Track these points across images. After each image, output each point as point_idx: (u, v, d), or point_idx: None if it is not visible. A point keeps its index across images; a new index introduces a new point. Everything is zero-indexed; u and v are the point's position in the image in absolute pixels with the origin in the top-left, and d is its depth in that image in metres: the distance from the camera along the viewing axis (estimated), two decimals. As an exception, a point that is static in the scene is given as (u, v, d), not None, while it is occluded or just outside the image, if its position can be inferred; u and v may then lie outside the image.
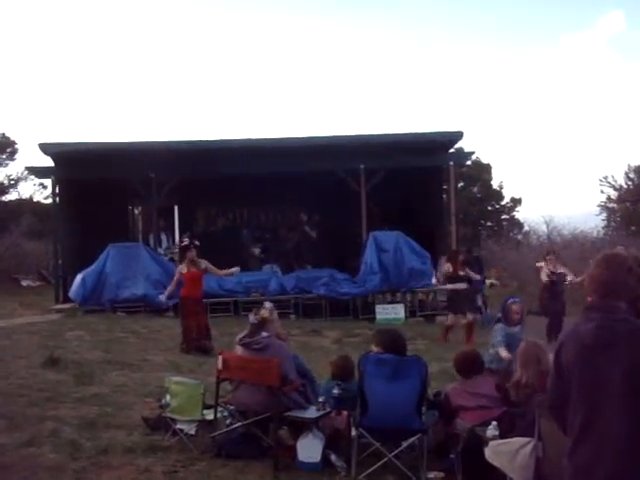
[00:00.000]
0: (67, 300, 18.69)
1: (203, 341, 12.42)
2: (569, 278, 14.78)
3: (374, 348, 6.78)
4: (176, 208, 20.85)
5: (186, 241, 14.11)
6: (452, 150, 21.62)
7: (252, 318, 7.17)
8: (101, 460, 6.51)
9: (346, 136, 20.08)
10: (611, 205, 38.77)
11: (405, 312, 18.22)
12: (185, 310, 12.73)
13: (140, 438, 7.20)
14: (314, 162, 18.71)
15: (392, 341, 6.75)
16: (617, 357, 3.15)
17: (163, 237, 20.16)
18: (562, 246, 27.12)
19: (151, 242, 19.98)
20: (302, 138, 19.67)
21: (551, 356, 3.52)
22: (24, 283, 28.52)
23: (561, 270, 14.97)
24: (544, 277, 14.93)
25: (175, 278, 13.12)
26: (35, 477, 6.04)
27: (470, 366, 6.65)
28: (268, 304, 7.78)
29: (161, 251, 19.72)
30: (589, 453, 3.18)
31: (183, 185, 18.88)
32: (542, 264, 15.34)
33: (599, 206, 38.75)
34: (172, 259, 19.17)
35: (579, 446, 3.23)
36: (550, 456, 4.39)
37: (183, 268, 12.86)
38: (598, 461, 3.14)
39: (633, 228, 34.32)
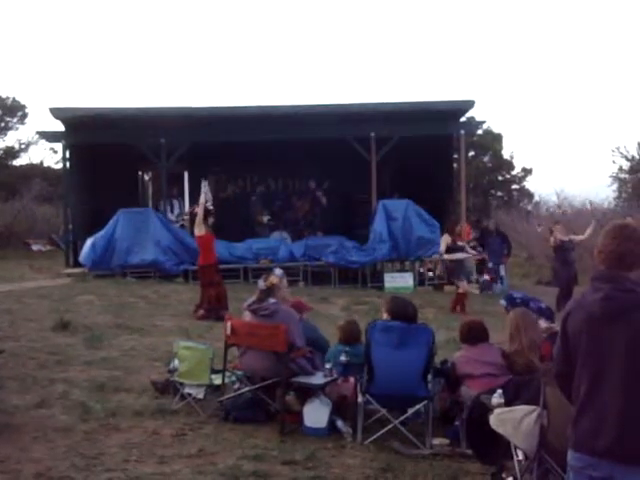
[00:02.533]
0: (77, 265, 18.75)
1: (223, 311, 12.49)
2: (576, 238, 14.83)
3: (384, 315, 6.82)
4: (186, 174, 20.79)
5: (198, 207, 13.98)
6: (463, 119, 21.42)
7: (261, 284, 7.20)
8: (110, 422, 6.61)
9: (357, 104, 19.92)
10: (622, 176, 38.42)
11: (414, 281, 18.25)
12: (205, 279, 12.80)
13: (149, 401, 7.30)
14: (325, 130, 18.62)
15: (402, 309, 6.78)
16: (623, 327, 3.15)
17: (175, 203, 20.12)
18: (573, 216, 26.99)
19: (161, 208, 19.97)
20: (313, 105, 19.53)
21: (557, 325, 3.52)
22: (35, 247, 28.60)
23: (571, 237, 14.94)
24: (559, 235, 14.75)
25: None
26: (45, 438, 6.13)
27: (475, 334, 6.66)
28: (278, 271, 7.80)
29: (172, 217, 19.70)
30: (593, 422, 3.19)
31: (193, 151, 18.83)
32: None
33: (611, 177, 38.45)
34: (182, 226, 19.17)
35: (583, 414, 3.24)
36: (555, 424, 4.42)
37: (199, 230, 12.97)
38: (602, 430, 3.16)
39: (644, 199, 33.98)
